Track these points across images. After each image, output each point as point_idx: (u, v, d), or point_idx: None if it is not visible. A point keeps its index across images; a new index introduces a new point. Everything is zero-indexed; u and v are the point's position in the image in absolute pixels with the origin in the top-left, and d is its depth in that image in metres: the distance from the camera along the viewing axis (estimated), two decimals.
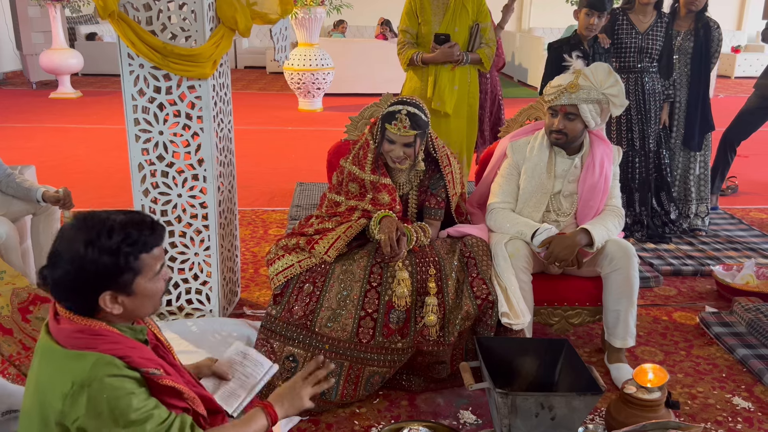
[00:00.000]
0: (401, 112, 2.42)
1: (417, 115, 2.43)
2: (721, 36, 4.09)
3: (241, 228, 4.12)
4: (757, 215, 4.70)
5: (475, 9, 3.79)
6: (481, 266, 2.45)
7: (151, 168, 2.74)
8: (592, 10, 3.63)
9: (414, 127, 2.42)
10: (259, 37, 13.29)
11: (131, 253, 1.33)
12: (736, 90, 11.10)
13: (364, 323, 2.33)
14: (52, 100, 9.09)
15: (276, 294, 2.43)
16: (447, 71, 3.78)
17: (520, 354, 2.26)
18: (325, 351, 2.32)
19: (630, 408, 2.12)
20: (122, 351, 1.32)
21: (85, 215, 1.37)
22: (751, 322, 2.92)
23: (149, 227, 1.37)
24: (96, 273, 1.31)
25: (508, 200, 2.67)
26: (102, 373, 1.27)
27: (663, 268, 3.60)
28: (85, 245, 1.30)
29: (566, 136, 2.56)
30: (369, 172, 2.52)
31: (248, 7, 2.66)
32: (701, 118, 4.11)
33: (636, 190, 3.99)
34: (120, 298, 1.35)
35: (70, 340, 1.32)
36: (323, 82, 8.48)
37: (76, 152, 6.20)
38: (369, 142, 2.54)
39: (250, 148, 6.36)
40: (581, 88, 2.50)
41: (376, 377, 2.35)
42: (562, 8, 8.11)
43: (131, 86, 2.64)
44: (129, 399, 1.28)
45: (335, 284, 2.38)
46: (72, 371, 1.28)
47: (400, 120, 2.41)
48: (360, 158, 2.55)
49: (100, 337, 1.33)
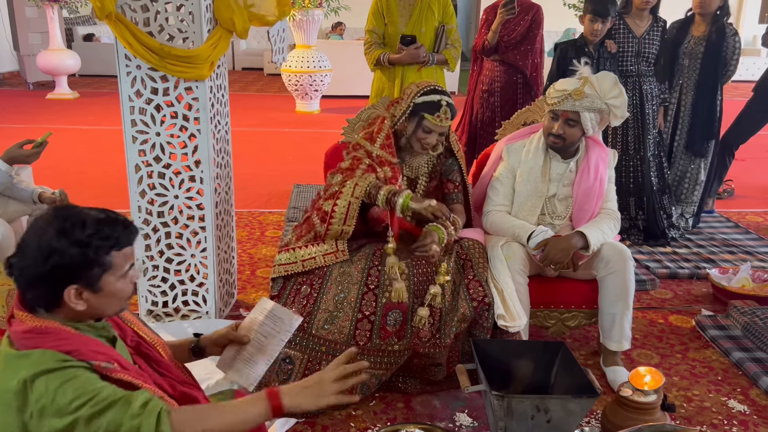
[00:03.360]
0: (441, 102, 2.45)
1: (453, 105, 2.49)
2: (737, 44, 4.02)
3: (238, 230, 4.11)
4: (754, 218, 4.71)
5: (441, 10, 3.84)
6: (477, 268, 2.45)
7: (148, 169, 2.74)
8: (596, 17, 3.66)
9: (452, 117, 2.49)
10: (256, 38, 13.28)
11: (101, 247, 1.31)
12: (733, 94, 11.11)
13: (361, 326, 2.32)
14: (49, 100, 9.08)
15: (273, 295, 2.42)
16: (413, 72, 3.81)
17: (517, 356, 2.26)
18: (321, 353, 2.32)
19: (626, 411, 2.13)
20: (69, 346, 1.29)
21: (60, 207, 1.36)
22: (746, 326, 2.92)
23: (122, 225, 1.36)
24: (63, 264, 1.29)
25: (503, 203, 2.67)
26: (44, 366, 1.24)
27: (659, 271, 3.61)
28: (56, 235, 1.29)
29: (564, 140, 2.56)
30: (377, 147, 2.54)
31: (246, 9, 2.66)
32: (705, 124, 4.09)
33: (632, 194, 4.00)
34: (85, 294, 1.33)
35: (20, 341, 1.30)
36: (321, 83, 8.48)
37: (73, 153, 6.20)
38: (385, 120, 2.56)
39: (247, 149, 6.36)
40: (586, 96, 2.49)
41: (373, 380, 2.35)
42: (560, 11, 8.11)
43: (128, 87, 2.64)
44: (71, 383, 1.24)
45: (332, 286, 2.37)
46: (18, 370, 1.26)
47: (443, 112, 2.45)
48: (372, 134, 2.57)
49: (48, 335, 1.30)
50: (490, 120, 4.34)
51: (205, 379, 2.28)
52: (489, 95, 4.37)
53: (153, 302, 2.87)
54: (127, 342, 1.49)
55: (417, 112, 2.48)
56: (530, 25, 4.25)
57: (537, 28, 4.27)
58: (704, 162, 4.24)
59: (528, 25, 4.25)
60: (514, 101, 4.30)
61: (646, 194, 3.98)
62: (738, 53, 4.07)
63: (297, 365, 2.33)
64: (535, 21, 4.26)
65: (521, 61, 4.27)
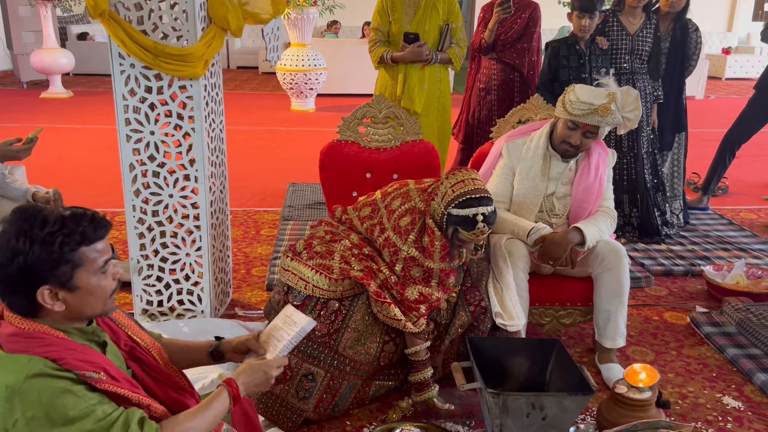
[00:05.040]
0: (477, 219, 2.12)
1: (492, 214, 2.17)
2: (699, 39, 4.13)
3: (233, 228, 4.11)
4: (747, 216, 4.73)
5: (446, 9, 3.84)
6: (474, 274, 2.43)
7: (142, 168, 2.73)
8: (582, 12, 3.66)
9: (491, 225, 2.20)
10: (251, 37, 13.27)
11: (67, 243, 1.28)
12: (727, 91, 11.14)
13: (387, 348, 2.28)
14: (43, 99, 9.04)
15: (296, 304, 2.19)
16: (416, 70, 3.82)
17: (512, 354, 2.26)
18: (345, 372, 2.24)
19: (621, 408, 2.13)
20: (56, 353, 1.27)
21: (21, 207, 1.32)
22: (741, 322, 2.93)
23: (89, 220, 1.32)
24: (27, 265, 1.26)
25: (502, 200, 2.67)
26: (30, 374, 1.23)
27: (654, 268, 3.62)
28: (16, 236, 1.26)
29: (577, 149, 2.57)
30: (437, 261, 2.24)
31: (240, 7, 2.66)
32: (673, 118, 4.18)
33: (626, 192, 4.01)
34: (60, 294, 1.30)
35: (7, 344, 1.28)
36: (316, 82, 8.47)
37: (67, 152, 6.18)
38: (435, 231, 2.22)
39: (242, 148, 6.35)
40: (611, 113, 2.48)
41: (382, 390, 2.36)
42: (555, 9, 8.12)
43: (122, 86, 2.63)
44: (65, 397, 1.24)
45: (363, 306, 2.24)
46: (4, 375, 1.24)
47: (479, 229, 2.14)
48: (426, 247, 2.24)
49: (34, 339, 1.28)
50: (487, 118, 4.34)
51: (200, 378, 2.28)
52: (486, 93, 4.37)
53: (148, 301, 2.87)
54: (120, 346, 1.47)
55: (451, 223, 2.17)
56: (527, 23, 4.25)
57: (534, 26, 4.27)
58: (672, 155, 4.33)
59: (525, 24, 4.25)
60: (511, 99, 4.30)
61: (640, 191, 3.99)
62: (700, 48, 4.16)
63: (319, 383, 2.23)
64: (532, 19, 4.26)
65: (518, 59, 4.28)
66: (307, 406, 2.22)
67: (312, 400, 2.23)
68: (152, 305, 2.87)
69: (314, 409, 2.24)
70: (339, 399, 2.26)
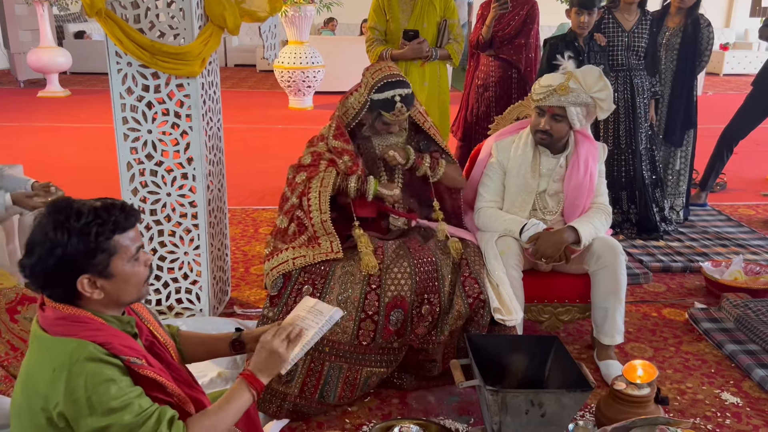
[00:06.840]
0: (395, 99, 2.43)
1: (409, 96, 2.47)
2: (711, 34, 4.11)
3: (231, 227, 4.10)
4: (746, 212, 4.73)
5: (443, 5, 3.85)
6: (474, 266, 2.44)
7: (139, 167, 2.73)
8: (581, 9, 3.65)
9: (409, 108, 2.48)
10: (249, 35, 13.25)
11: (102, 233, 1.33)
12: (725, 87, 11.14)
13: (364, 325, 2.29)
14: (40, 98, 9.03)
15: (273, 295, 2.36)
16: (416, 68, 3.82)
17: (511, 351, 2.26)
18: (324, 353, 2.29)
19: (619, 404, 2.14)
20: (103, 338, 1.32)
21: (56, 201, 1.37)
22: (739, 318, 2.94)
23: (120, 209, 1.38)
24: (67, 256, 1.31)
25: (495, 199, 2.67)
26: (81, 357, 1.27)
27: (652, 264, 3.62)
28: (54, 229, 1.31)
29: (551, 136, 2.57)
30: (332, 138, 2.54)
31: (237, 5, 2.65)
32: (684, 114, 4.16)
33: (624, 188, 4.01)
34: (99, 282, 1.35)
35: (53, 327, 1.33)
36: (313, 80, 8.46)
37: (65, 151, 6.16)
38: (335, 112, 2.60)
39: (240, 146, 6.34)
40: (571, 90, 2.49)
41: (374, 378, 2.35)
42: (553, 6, 8.10)
43: (119, 85, 2.62)
44: (108, 386, 1.27)
45: (336, 286, 2.32)
46: (53, 357, 1.28)
47: (398, 109, 2.45)
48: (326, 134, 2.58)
49: (82, 324, 1.33)
50: (486, 115, 4.33)
51: (199, 377, 2.28)
52: (484, 90, 4.37)
53: (146, 300, 2.86)
54: (141, 340, 1.50)
55: (373, 108, 2.49)
56: (525, 20, 4.24)
57: (532, 23, 4.27)
58: (681, 152, 4.29)
59: (523, 20, 4.24)
60: (509, 96, 4.30)
61: (638, 188, 3.99)
62: (712, 43, 4.14)
63: (300, 365, 2.27)
64: (530, 16, 4.25)
65: (515, 56, 4.27)
66: (291, 389, 2.26)
67: (295, 383, 2.25)
68: (150, 304, 2.87)
69: (300, 394, 2.26)
70: (324, 383, 2.28)
